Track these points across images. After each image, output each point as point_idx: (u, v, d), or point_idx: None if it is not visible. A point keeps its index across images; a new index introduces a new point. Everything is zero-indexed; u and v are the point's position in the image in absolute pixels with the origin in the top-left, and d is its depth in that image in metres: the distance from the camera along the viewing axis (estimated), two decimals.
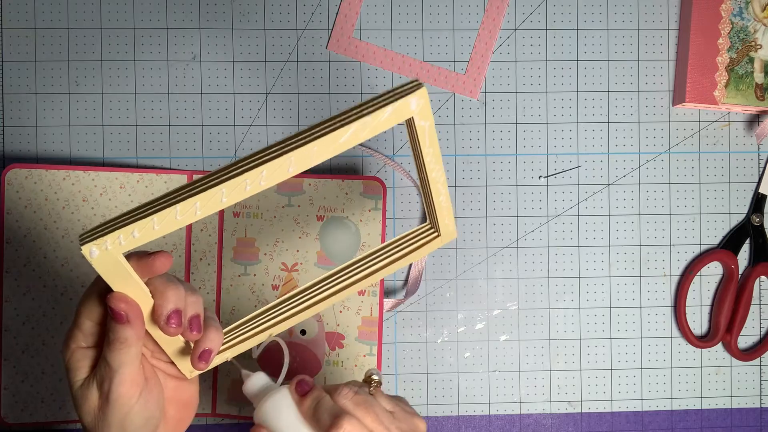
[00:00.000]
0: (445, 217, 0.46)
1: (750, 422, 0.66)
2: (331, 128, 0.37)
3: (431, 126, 0.40)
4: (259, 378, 0.45)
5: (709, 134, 0.66)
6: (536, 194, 0.65)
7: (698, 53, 0.64)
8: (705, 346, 0.65)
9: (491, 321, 0.65)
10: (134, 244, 0.36)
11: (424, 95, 0.38)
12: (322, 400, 0.42)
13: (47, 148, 0.63)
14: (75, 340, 0.41)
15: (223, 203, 0.37)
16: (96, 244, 0.36)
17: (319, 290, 0.48)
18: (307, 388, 0.43)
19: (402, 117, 0.38)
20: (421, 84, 0.38)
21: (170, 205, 0.36)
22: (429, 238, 0.48)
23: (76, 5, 0.64)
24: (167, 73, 0.64)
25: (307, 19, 0.65)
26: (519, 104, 0.65)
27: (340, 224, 0.63)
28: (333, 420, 0.40)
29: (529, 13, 0.65)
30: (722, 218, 0.66)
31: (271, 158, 0.37)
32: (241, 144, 0.64)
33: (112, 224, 0.37)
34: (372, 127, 0.38)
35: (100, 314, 0.41)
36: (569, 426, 0.65)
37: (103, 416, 0.41)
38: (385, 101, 0.38)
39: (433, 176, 0.43)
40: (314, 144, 0.37)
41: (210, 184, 0.37)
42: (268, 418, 0.42)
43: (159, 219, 0.36)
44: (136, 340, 0.40)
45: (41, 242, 0.61)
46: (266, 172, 0.37)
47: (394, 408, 0.45)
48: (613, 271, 0.66)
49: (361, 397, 0.43)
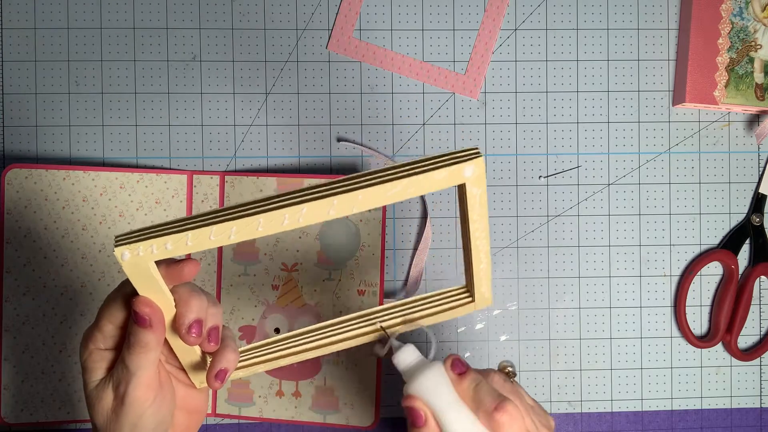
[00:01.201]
0: (482, 285, 0.46)
1: (750, 422, 0.66)
2: (381, 179, 0.38)
3: (483, 194, 0.40)
4: (411, 350, 0.44)
5: (709, 134, 0.66)
6: (536, 194, 0.65)
7: (698, 53, 0.64)
8: (705, 346, 0.65)
9: (491, 321, 0.65)
10: (165, 254, 0.37)
11: (480, 164, 0.38)
12: (481, 383, 0.42)
13: (47, 148, 0.63)
14: (94, 341, 0.42)
15: (259, 232, 0.37)
16: (129, 248, 0.37)
17: (342, 328, 0.48)
18: (464, 369, 0.43)
19: (455, 181, 0.39)
20: (479, 153, 0.39)
21: (207, 225, 0.37)
22: (462, 303, 0.48)
23: (76, 5, 0.64)
24: (167, 73, 0.64)
25: (307, 19, 0.65)
26: (519, 104, 0.65)
27: (340, 224, 0.63)
28: (498, 403, 0.41)
29: (529, 13, 0.65)
30: (722, 218, 0.66)
31: (314, 198, 0.37)
32: (241, 144, 0.64)
33: (149, 232, 0.38)
34: (423, 186, 0.38)
35: (122, 318, 0.41)
36: (569, 426, 0.65)
37: (116, 418, 0.41)
38: (441, 163, 0.38)
39: (477, 244, 0.43)
40: (360, 192, 0.37)
41: (249, 211, 0.37)
42: (425, 393, 0.42)
43: (193, 236, 0.37)
44: (156, 345, 0.40)
45: (41, 242, 0.61)
46: (306, 210, 0.37)
47: (533, 402, 0.46)
48: (613, 271, 0.66)
49: (512, 386, 0.44)
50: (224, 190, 0.63)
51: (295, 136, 0.65)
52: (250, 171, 0.64)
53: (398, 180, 0.37)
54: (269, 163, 0.64)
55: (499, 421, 0.40)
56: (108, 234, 0.62)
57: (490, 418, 0.41)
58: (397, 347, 0.45)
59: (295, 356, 0.47)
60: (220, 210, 0.38)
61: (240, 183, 0.63)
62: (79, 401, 0.61)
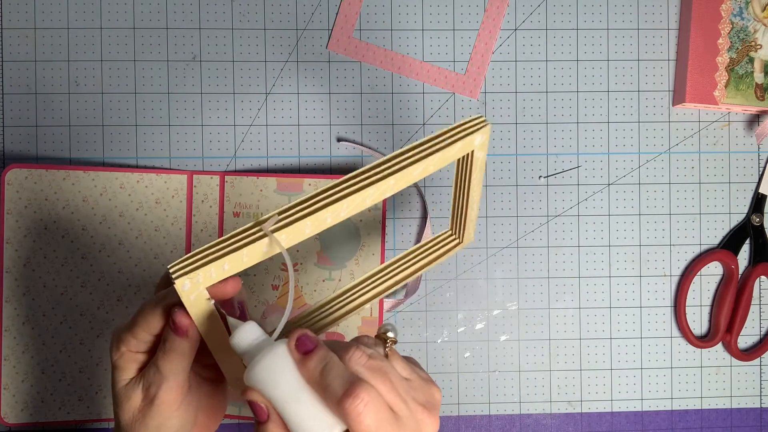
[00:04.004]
0: (470, 227, 0.51)
1: (750, 422, 0.66)
2: (406, 163, 0.40)
3: (485, 156, 0.45)
4: (250, 329, 0.37)
5: (709, 134, 0.66)
6: (536, 194, 0.65)
7: (698, 53, 0.64)
8: (705, 346, 0.65)
9: (491, 321, 0.65)
10: (222, 275, 0.37)
11: (487, 132, 0.43)
12: (330, 362, 0.35)
13: (47, 148, 0.63)
14: (127, 344, 0.42)
15: (307, 234, 0.38)
16: (189, 278, 0.36)
17: (343, 301, 0.49)
18: (311, 345, 0.36)
19: (466, 151, 0.43)
20: (486, 122, 0.43)
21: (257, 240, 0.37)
22: (451, 246, 0.52)
23: (76, 5, 0.64)
24: (167, 73, 0.64)
25: (307, 19, 0.65)
26: (519, 104, 0.65)
27: (340, 224, 0.63)
28: (347, 388, 0.34)
29: (529, 13, 0.65)
30: (722, 218, 0.66)
31: (351, 192, 0.39)
32: (241, 144, 0.64)
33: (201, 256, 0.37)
34: (440, 161, 0.41)
35: (159, 327, 0.41)
36: (569, 426, 0.65)
37: (142, 418, 0.42)
38: (454, 137, 0.42)
39: (473, 195, 0.48)
40: (392, 178, 0.40)
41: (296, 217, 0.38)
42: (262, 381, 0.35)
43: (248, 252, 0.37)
44: (190, 353, 0.41)
45: (41, 242, 0.61)
46: (347, 204, 0.39)
47: (410, 375, 0.39)
48: (613, 271, 0.66)
49: (376, 362, 0.36)
50: (224, 190, 0.63)
51: (295, 136, 0.65)
52: (250, 171, 0.64)
53: (421, 161, 0.40)
54: (269, 163, 0.64)
55: (348, 409, 0.33)
56: (108, 234, 0.62)
57: (339, 407, 0.34)
58: (233, 326, 0.38)
59: None
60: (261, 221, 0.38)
61: (240, 183, 0.63)
62: (80, 401, 0.61)
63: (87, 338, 0.61)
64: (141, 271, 0.62)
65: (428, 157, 0.40)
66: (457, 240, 0.52)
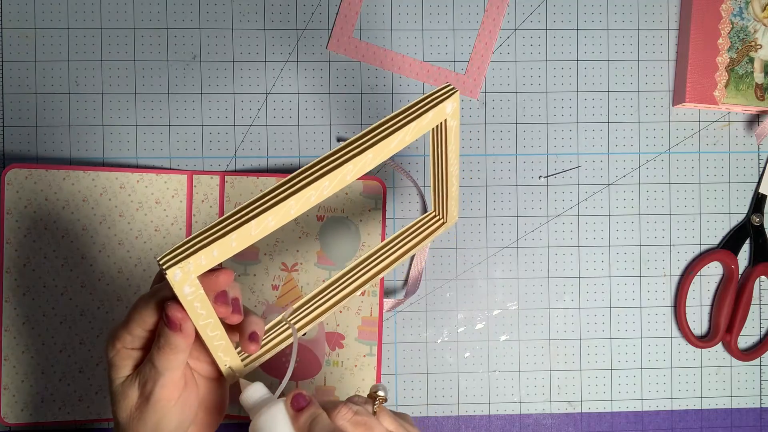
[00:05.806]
0: (453, 206, 0.51)
1: (750, 422, 0.66)
2: (381, 136, 0.41)
3: (457, 125, 0.46)
4: (256, 389, 0.43)
5: (709, 134, 0.66)
6: (536, 194, 0.65)
7: (698, 53, 0.64)
8: (705, 346, 0.65)
9: (491, 321, 0.65)
10: (213, 262, 0.38)
11: (457, 99, 0.44)
12: (318, 417, 0.40)
13: (47, 148, 0.63)
14: (122, 341, 0.42)
15: (292, 215, 0.40)
16: (180, 267, 0.37)
17: (340, 286, 0.51)
18: (303, 403, 0.41)
19: (438, 119, 0.43)
20: (455, 89, 0.43)
21: (245, 222, 0.38)
22: (436, 226, 0.53)
23: (76, 5, 0.64)
24: (167, 73, 0.64)
25: (307, 19, 0.65)
26: (519, 104, 0.65)
27: (340, 224, 0.63)
28: None
29: (529, 13, 0.65)
30: (722, 218, 0.66)
31: (331, 169, 0.40)
32: (241, 144, 0.64)
33: (188, 246, 0.38)
34: (416, 132, 0.42)
35: (153, 322, 0.41)
36: (569, 426, 0.65)
37: (140, 415, 0.42)
38: (425, 107, 0.43)
39: (452, 170, 0.48)
40: (369, 152, 0.41)
41: (279, 198, 0.39)
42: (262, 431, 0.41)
43: (237, 237, 0.38)
44: (185, 347, 0.41)
45: (41, 242, 0.61)
46: (328, 183, 0.40)
47: (398, 429, 0.43)
48: (613, 271, 0.66)
49: (362, 418, 0.41)
50: (224, 190, 0.63)
51: (295, 136, 0.65)
52: (250, 171, 0.64)
53: (396, 132, 0.41)
54: (269, 163, 0.64)
55: None
56: (108, 234, 0.62)
57: None
58: (243, 385, 0.44)
59: (308, 325, 0.50)
60: (245, 206, 0.39)
61: (240, 183, 0.63)
62: (80, 401, 0.61)
63: (87, 338, 0.61)
64: (141, 271, 0.62)
65: (403, 128, 0.41)
66: (442, 220, 0.53)
